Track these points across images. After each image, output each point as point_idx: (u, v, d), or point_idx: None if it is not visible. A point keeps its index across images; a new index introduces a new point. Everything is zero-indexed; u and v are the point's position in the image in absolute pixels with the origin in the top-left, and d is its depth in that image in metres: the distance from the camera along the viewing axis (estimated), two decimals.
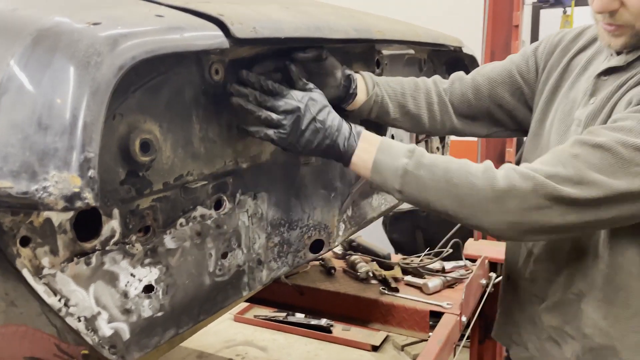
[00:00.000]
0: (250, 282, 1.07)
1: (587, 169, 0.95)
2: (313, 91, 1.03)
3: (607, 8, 1.01)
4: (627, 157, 0.94)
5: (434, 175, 0.99)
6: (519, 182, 0.95)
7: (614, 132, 0.97)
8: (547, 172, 0.96)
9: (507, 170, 0.98)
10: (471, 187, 0.97)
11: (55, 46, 0.63)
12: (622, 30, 1.04)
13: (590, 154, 0.96)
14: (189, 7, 0.82)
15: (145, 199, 0.83)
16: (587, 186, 0.95)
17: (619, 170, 0.94)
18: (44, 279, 0.71)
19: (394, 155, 1.02)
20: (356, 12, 1.48)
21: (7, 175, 0.59)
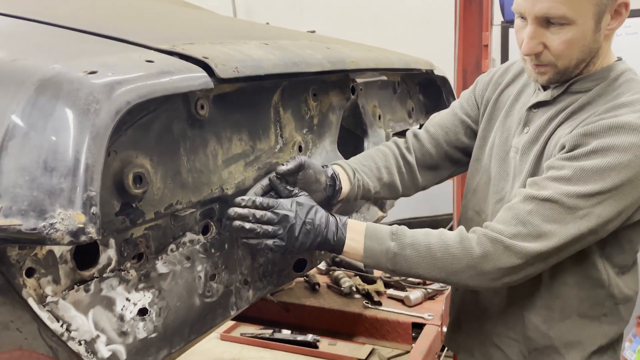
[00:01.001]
0: (237, 301, 1.13)
1: (542, 222, 1.09)
2: (299, 195, 1.15)
3: (533, 51, 1.14)
4: (572, 205, 1.08)
5: (418, 252, 1.13)
6: (491, 247, 1.10)
7: (556, 182, 1.10)
8: (510, 233, 1.10)
9: (479, 236, 1.12)
10: (453, 259, 1.12)
11: (57, 95, 0.69)
12: (547, 69, 1.17)
13: (541, 208, 1.09)
14: (176, 51, 0.90)
15: (138, 228, 0.89)
16: (545, 238, 1.09)
17: (567, 218, 1.08)
18: (47, 307, 0.76)
19: (379, 240, 1.15)
20: (331, 41, 1.57)
21: (17, 214, 0.65)
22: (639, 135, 1.06)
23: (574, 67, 1.16)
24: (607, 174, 1.06)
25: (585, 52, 1.14)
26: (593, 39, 1.13)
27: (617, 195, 1.07)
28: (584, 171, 1.08)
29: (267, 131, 1.19)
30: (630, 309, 1.27)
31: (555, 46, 1.12)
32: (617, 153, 1.06)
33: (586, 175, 1.08)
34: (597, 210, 1.08)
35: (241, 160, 1.11)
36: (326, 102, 1.38)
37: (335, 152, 1.42)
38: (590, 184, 1.07)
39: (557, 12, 1.08)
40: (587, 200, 1.07)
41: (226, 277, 1.09)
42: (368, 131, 1.60)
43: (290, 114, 1.25)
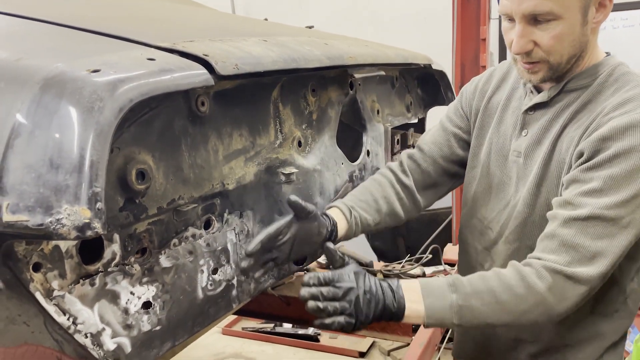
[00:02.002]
0: (239, 295, 1.15)
1: (591, 241, 1.07)
2: (350, 264, 1.12)
3: (523, 49, 1.14)
4: (614, 216, 1.07)
5: (483, 300, 1.09)
6: (553, 279, 1.07)
7: (590, 197, 1.08)
8: (565, 261, 1.08)
9: (538, 270, 1.08)
10: (519, 299, 1.08)
11: (62, 93, 0.71)
12: (539, 67, 1.17)
13: (586, 228, 1.08)
14: (176, 48, 0.91)
15: (141, 223, 0.91)
16: (600, 256, 1.08)
17: (614, 230, 1.07)
18: (54, 300, 0.78)
19: (439, 295, 1.09)
20: (329, 37, 1.59)
21: (23, 210, 0.67)
22: None
23: (565, 62, 1.16)
24: (637, 175, 1.06)
25: (575, 47, 1.15)
26: (582, 33, 1.14)
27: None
28: (613, 179, 1.07)
29: (266, 127, 1.20)
30: (637, 301, 1.27)
31: (545, 42, 1.13)
32: (638, 152, 1.06)
33: (617, 182, 1.07)
34: (638, 214, 1.07)
35: (241, 155, 1.13)
36: (325, 97, 1.39)
37: (334, 147, 1.44)
38: (623, 191, 1.06)
39: (544, 9, 1.09)
40: (626, 207, 1.07)
41: (228, 271, 1.11)
42: (367, 126, 1.61)
43: (289, 109, 1.27)
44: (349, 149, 1.57)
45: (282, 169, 1.23)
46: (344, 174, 1.48)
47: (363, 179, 1.57)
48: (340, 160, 1.45)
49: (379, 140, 1.68)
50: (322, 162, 1.37)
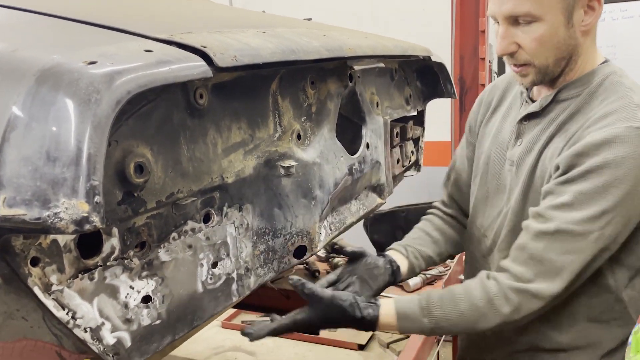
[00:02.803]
0: (239, 288, 1.14)
1: (558, 256, 1.10)
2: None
3: (506, 51, 1.14)
4: (582, 231, 1.08)
5: (452, 323, 1.18)
6: (519, 300, 1.13)
7: (559, 211, 1.10)
8: (532, 275, 1.12)
9: (505, 291, 1.14)
10: (485, 319, 1.16)
11: (58, 85, 0.70)
12: (527, 69, 1.17)
13: (554, 242, 1.10)
14: (174, 40, 0.90)
15: (140, 217, 0.90)
16: (565, 270, 1.10)
17: (581, 245, 1.09)
18: (52, 295, 0.78)
19: (413, 320, 1.20)
20: (328, 28, 1.57)
21: (20, 204, 0.66)
22: (629, 146, 1.05)
23: (553, 65, 1.16)
24: (607, 191, 1.06)
25: (561, 49, 1.14)
26: (567, 35, 1.13)
27: (622, 210, 1.07)
28: (583, 194, 1.08)
29: (265, 119, 1.19)
30: (638, 308, 1.24)
31: (528, 44, 1.12)
32: (612, 169, 1.06)
33: (587, 197, 1.07)
34: (607, 230, 1.08)
35: (241, 148, 1.12)
36: (324, 89, 1.38)
37: (334, 139, 1.43)
38: (593, 206, 1.07)
39: (522, 10, 1.09)
40: (595, 223, 1.08)
41: (228, 265, 1.11)
42: (366, 118, 1.60)
43: (288, 102, 1.26)
44: (348, 141, 1.56)
45: (282, 162, 1.23)
46: (343, 167, 1.47)
47: (362, 172, 1.57)
48: (339, 153, 1.45)
49: (379, 133, 1.67)
50: (321, 155, 1.36)
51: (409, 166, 2.08)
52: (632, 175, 1.05)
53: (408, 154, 2.05)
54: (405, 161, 2.03)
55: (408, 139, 2.03)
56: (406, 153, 2.03)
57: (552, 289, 1.11)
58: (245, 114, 1.13)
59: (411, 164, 2.10)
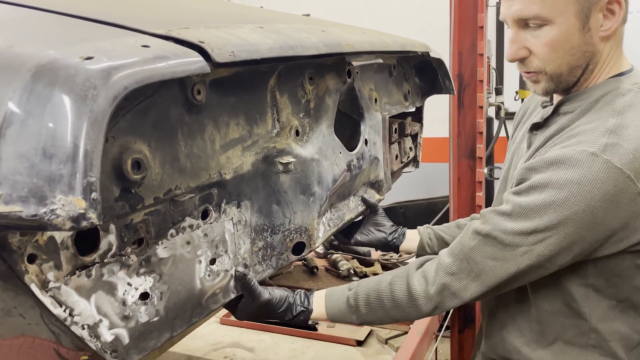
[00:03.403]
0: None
1: (482, 259, 1.11)
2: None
3: (515, 57, 1.10)
4: (510, 242, 1.07)
5: (378, 318, 1.25)
6: (439, 299, 1.16)
7: (497, 217, 1.10)
8: (457, 268, 1.14)
9: (428, 293, 1.17)
10: (407, 315, 1.22)
11: (54, 81, 0.69)
12: (538, 77, 1.11)
13: (483, 245, 1.11)
14: (171, 35, 0.89)
15: (138, 214, 0.90)
16: (485, 275, 1.11)
17: (507, 255, 1.08)
18: (50, 292, 0.77)
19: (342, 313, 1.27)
20: (327, 24, 1.57)
21: (17, 201, 0.66)
22: (577, 170, 0.99)
23: (567, 73, 1.09)
24: (543, 211, 1.02)
25: (576, 56, 1.07)
26: (583, 41, 1.06)
27: (558, 233, 1.02)
28: (522, 208, 1.05)
29: (264, 116, 1.19)
30: (632, 348, 1.16)
31: (538, 49, 1.07)
32: (553, 190, 1.01)
33: (523, 211, 1.05)
34: (537, 248, 1.04)
35: (239, 145, 1.12)
36: (322, 85, 1.38)
37: (332, 136, 1.43)
38: (526, 221, 1.04)
39: (530, 12, 1.04)
40: (525, 238, 1.05)
41: (226, 261, 1.10)
42: (364, 115, 1.60)
43: (286, 98, 1.25)
44: (347, 138, 1.56)
45: (280, 158, 1.22)
46: (341, 163, 1.46)
47: (361, 168, 1.57)
48: (338, 149, 1.44)
49: (377, 129, 1.67)
50: (320, 151, 1.36)
51: (407, 162, 2.08)
52: (574, 202, 0.99)
53: (406, 150, 2.05)
54: (404, 157, 2.03)
55: (406, 135, 2.03)
56: (404, 149, 2.03)
57: (471, 291, 1.12)
58: (243, 110, 1.12)
59: (409, 160, 2.10)
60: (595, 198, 0.98)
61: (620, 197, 0.99)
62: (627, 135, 1.01)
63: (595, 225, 1.01)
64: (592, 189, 0.98)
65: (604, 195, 0.98)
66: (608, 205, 0.99)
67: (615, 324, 1.14)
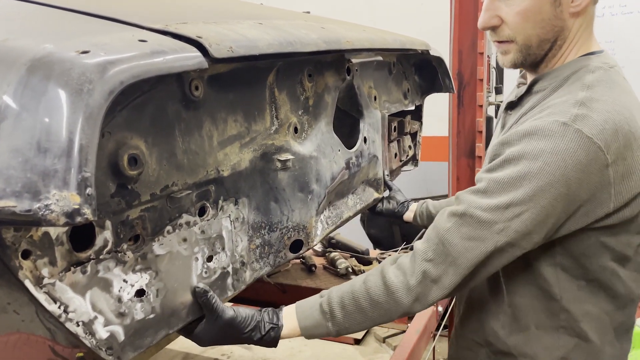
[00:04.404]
0: (234, 282, 1.13)
1: (460, 240, 1.06)
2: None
3: (487, 24, 1.11)
4: (486, 219, 1.04)
5: (357, 322, 1.15)
6: (419, 289, 1.10)
7: (472, 195, 1.08)
8: (433, 254, 1.09)
9: (408, 284, 1.10)
10: (387, 313, 1.13)
11: (49, 75, 0.68)
12: (509, 46, 1.13)
13: (458, 225, 1.07)
14: (169, 30, 0.88)
15: (134, 210, 0.89)
16: (463, 257, 1.06)
17: (484, 233, 1.05)
18: (44, 288, 0.76)
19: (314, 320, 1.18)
20: (326, 21, 1.56)
21: (10, 195, 0.65)
22: (550, 140, 0.99)
23: (536, 45, 1.12)
24: (519, 183, 1.01)
25: (545, 29, 1.10)
26: (553, 14, 1.08)
27: (534, 205, 1.01)
28: (497, 182, 1.04)
29: (262, 112, 1.18)
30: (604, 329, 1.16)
31: (510, 18, 1.09)
32: (527, 161, 1.01)
33: (499, 186, 1.03)
34: (514, 224, 1.02)
35: (236, 141, 1.11)
36: (321, 82, 1.37)
37: (331, 133, 1.42)
38: (502, 196, 1.03)
39: None
40: (502, 214, 1.03)
41: (223, 259, 1.10)
42: (364, 112, 1.59)
43: (285, 94, 1.24)
44: (346, 135, 1.55)
45: (278, 155, 1.21)
46: (340, 161, 1.46)
47: (360, 166, 1.56)
48: (336, 147, 1.43)
49: (376, 127, 1.66)
50: (318, 149, 1.35)
51: (406, 161, 2.07)
52: (548, 172, 0.99)
53: (405, 148, 2.04)
54: (403, 156, 2.02)
55: (406, 133, 2.02)
56: (404, 147, 2.02)
57: (451, 276, 1.07)
58: (242, 106, 1.12)
59: (409, 159, 2.09)
60: (568, 167, 0.99)
61: (591, 167, 1.00)
62: (596, 108, 1.03)
63: (568, 196, 1.02)
64: (566, 157, 0.99)
65: (576, 164, 0.99)
66: (580, 174, 1.00)
67: (586, 305, 1.15)
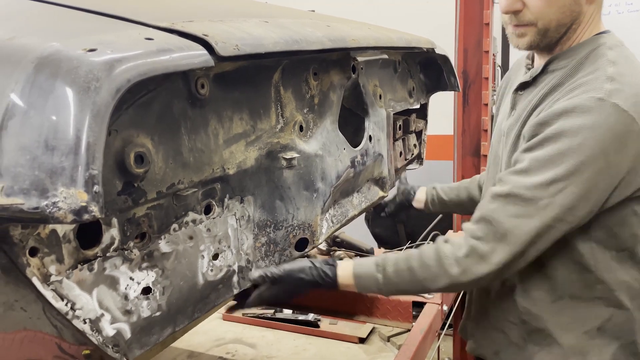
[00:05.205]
0: (240, 280, 1.14)
1: (506, 218, 1.11)
2: None
3: (511, 8, 1.14)
4: (531, 197, 1.09)
5: (403, 278, 1.21)
6: (466, 262, 1.14)
7: (515, 175, 1.12)
8: (481, 233, 1.13)
9: (455, 250, 1.15)
10: (435, 277, 1.18)
11: (57, 73, 0.69)
12: (527, 30, 1.16)
13: (504, 204, 1.12)
14: (175, 28, 0.88)
15: (140, 208, 0.89)
16: (511, 235, 1.10)
17: (529, 210, 1.09)
18: (51, 286, 0.77)
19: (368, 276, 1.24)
20: (332, 19, 1.55)
21: (18, 193, 0.65)
22: (588, 116, 1.05)
23: (554, 29, 1.15)
24: (560, 160, 1.06)
25: (565, 14, 1.14)
26: (573, 1, 1.13)
27: (576, 180, 1.06)
28: (538, 161, 1.08)
29: (267, 111, 1.18)
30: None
31: (534, 3, 1.13)
32: (567, 138, 1.06)
33: (540, 164, 1.08)
34: (558, 199, 1.07)
35: (242, 139, 1.11)
36: (327, 81, 1.37)
37: (336, 132, 1.42)
38: (544, 173, 1.07)
39: None
40: (545, 190, 1.07)
41: (229, 257, 1.10)
42: (369, 111, 1.59)
43: (290, 93, 1.24)
44: (351, 134, 1.55)
45: (284, 153, 1.21)
46: (345, 160, 1.46)
47: (365, 165, 1.56)
48: (342, 146, 1.43)
49: (381, 126, 1.66)
50: (323, 147, 1.35)
51: (411, 159, 2.07)
52: (588, 146, 1.04)
53: (411, 147, 2.04)
54: (408, 154, 2.02)
55: (411, 132, 2.02)
56: (409, 146, 2.02)
57: (499, 254, 1.11)
58: (247, 104, 1.12)
59: (414, 157, 2.09)
60: (607, 140, 1.04)
61: (628, 139, 1.05)
62: (627, 82, 1.08)
63: (609, 169, 1.06)
64: (605, 131, 1.04)
65: (615, 137, 1.04)
66: (618, 147, 1.05)
67: (619, 274, 1.19)
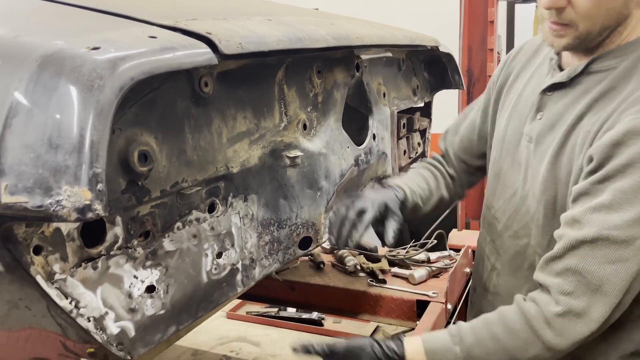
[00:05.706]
0: (244, 279, 1.14)
1: (598, 266, 0.95)
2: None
3: (555, 4, 1.01)
4: (625, 238, 0.94)
5: (487, 349, 1.03)
6: (562, 323, 0.98)
7: (597, 214, 0.96)
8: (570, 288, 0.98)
9: (545, 313, 0.99)
10: (526, 344, 1.01)
11: (60, 71, 0.69)
12: (567, 30, 1.03)
13: (593, 250, 0.96)
14: (179, 27, 0.88)
15: (144, 206, 0.89)
16: (607, 283, 0.95)
17: (625, 253, 0.94)
18: (55, 284, 0.77)
19: (443, 352, 1.04)
20: (336, 17, 1.55)
21: (22, 191, 0.65)
22: None
23: (597, 33, 1.03)
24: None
25: (612, 17, 1.02)
26: (624, 3, 1.01)
27: None
28: (624, 192, 0.93)
29: (271, 109, 1.18)
30: None
31: (582, 3, 0.99)
32: None
33: (628, 196, 0.93)
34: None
35: (246, 138, 1.11)
36: (330, 79, 1.37)
37: (340, 130, 1.41)
38: (636, 207, 0.93)
39: None
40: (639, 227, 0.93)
41: (233, 255, 1.10)
42: (373, 109, 1.59)
43: (294, 91, 1.24)
44: (355, 132, 1.55)
45: (287, 152, 1.21)
46: (349, 158, 1.45)
47: (369, 163, 1.55)
48: (345, 144, 1.43)
49: (385, 124, 1.65)
50: (327, 146, 1.35)
51: (415, 158, 2.06)
52: None
53: (415, 145, 2.03)
54: (412, 153, 2.01)
55: (415, 130, 2.01)
56: (413, 145, 2.01)
57: (599, 308, 0.96)
58: (251, 103, 1.11)
59: (418, 156, 2.08)
60: None
61: None
62: None
63: None
64: None
65: None
66: None
67: None
